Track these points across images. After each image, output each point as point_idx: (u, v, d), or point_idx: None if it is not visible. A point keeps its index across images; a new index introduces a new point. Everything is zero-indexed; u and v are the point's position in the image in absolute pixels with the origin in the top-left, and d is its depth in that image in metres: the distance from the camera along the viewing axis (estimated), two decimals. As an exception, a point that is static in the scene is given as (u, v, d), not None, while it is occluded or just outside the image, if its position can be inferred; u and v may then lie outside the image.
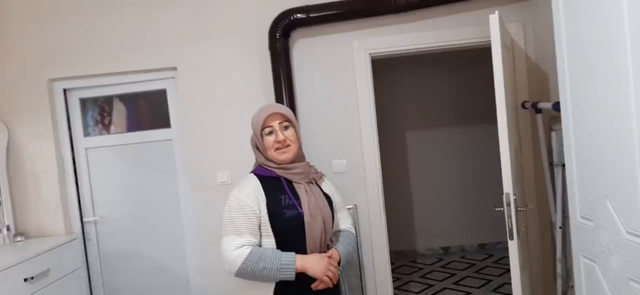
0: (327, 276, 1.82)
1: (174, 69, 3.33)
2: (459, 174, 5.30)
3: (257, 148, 1.95)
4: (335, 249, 1.93)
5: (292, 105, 3.17)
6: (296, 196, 1.87)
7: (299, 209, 1.84)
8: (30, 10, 3.31)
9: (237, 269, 1.78)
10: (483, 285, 4.32)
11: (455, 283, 4.45)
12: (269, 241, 1.84)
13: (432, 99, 5.28)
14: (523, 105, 3.15)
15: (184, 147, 3.36)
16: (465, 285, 4.36)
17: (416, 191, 5.42)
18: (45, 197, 3.35)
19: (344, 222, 2.10)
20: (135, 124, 3.51)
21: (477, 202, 5.17)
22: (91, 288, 3.48)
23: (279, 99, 3.15)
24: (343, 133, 3.31)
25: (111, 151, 3.46)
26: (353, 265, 3.27)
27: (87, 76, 3.36)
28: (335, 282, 1.87)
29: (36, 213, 3.35)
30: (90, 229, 3.48)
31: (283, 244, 1.84)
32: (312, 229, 1.83)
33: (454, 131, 5.28)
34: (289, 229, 1.84)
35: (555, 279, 3.06)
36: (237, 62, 3.30)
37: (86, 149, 3.46)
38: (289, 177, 1.91)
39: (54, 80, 3.38)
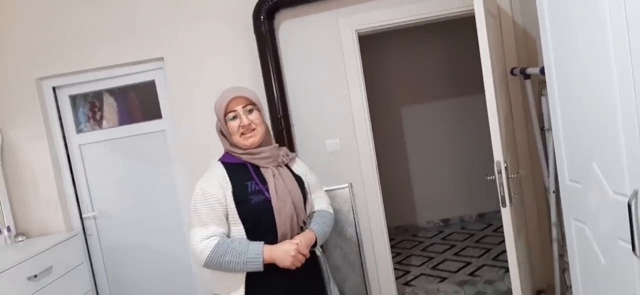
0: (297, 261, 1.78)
1: (161, 59, 3.32)
2: (456, 145, 5.30)
3: (222, 134, 1.89)
4: (310, 229, 1.89)
5: (280, 88, 3.16)
6: (264, 181, 1.82)
7: (266, 193, 1.80)
8: (14, 11, 3.29)
9: (203, 261, 1.76)
10: (483, 254, 4.36)
11: (456, 254, 4.49)
12: (238, 229, 1.80)
13: (425, 72, 5.26)
14: (512, 72, 3.14)
15: (177, 137, 3.36)
16: (465, 255, 4.40)
17: (413, 165, 5.43)
18: (43, 196, 3.37)
19: (320, 202, 2.06)
20: (126, 117, 3.51)
21: (475, 172, 5.18)
22: (96, 282, 3.53)
23: (267, 82, 3.14)
24: (334, 112, 3.31)
25: (105, 146, 3.47)
26: (352, 242, 3.30)
27: (75, 73, 3.35)
28: (298, 265, 1.80)
29: (36, 212, 3.38)
30: (90, 225, 3.51)
31: (253, 231, 1.80)
32: (282, 213, 1.79)
33: (448, 103, 5.28)
34: (257, 216, 1.79)
35: (551, 244, 3.09)
36: (223, 47, 3.28)
37: (80, 145, 3.47)
38: (256, 162, 1.85)
39: (42, 79, 3.38)
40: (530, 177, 3.29)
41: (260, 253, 1.73)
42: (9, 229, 3.25)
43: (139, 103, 3.54)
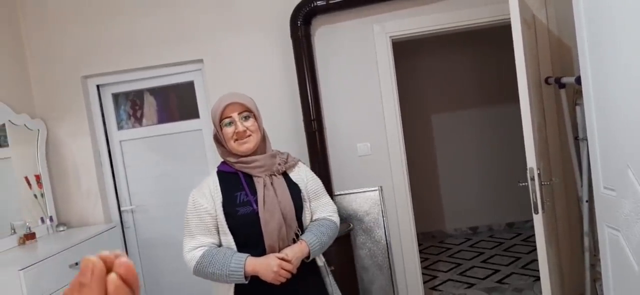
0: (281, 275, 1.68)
1: (200, 61, 3.44)
2: (485, 154, 5.29)
3: (218, 141, 1.82)
4: (302, 240, 1.76)
5: (314, 91, 3.24)
6: (254, 192, 1.75)
7: (254, 205, 1.73)
8: (65, 13, 3.46)
9: (191, 271, 1.75)
10: (511, 263, 4.33)
11: (484, 261, 4.47)
12: (227, 240, 1.76)
13: (456, 81, 5.27)
14: (546, 81, 3.14)
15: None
16: (494, 263, 4.38)
17: (443, 173, 5.43)
18: (84, 189, 3.52)
19: (323, 209, 1.90)
20: (165, 116, 3.64)
21: (504, 181, 5.15)
22: (131, 274, 3.65)
23: (301, 85, 3.23)
24: (366, 117, 3.37)
25: (144, 143, 3.61)
26: (380, 244, 3.34)
27: (118, 72, 3.50)
28: (283, 281, 1.70)
29: (77, 204, 3.53)
30: (128, 218, 3.65)
31: (242, 242, 1.75)
32: (269, 225, 1.71)
33: (478, 112, 5.27)
34: (243, 227, 1.74)
35: (583, 253, 3.07)
36: (260, 51, 3.38)
37: (120, 141, 3.61)
38: (248, 171, 1.77)
39: (87, 77, 3.54)
40: (563, 186, 3.28)
41: (241, 266, 1.66)
42: (51, 219, 3.41)
43: (178, 103, 3.67)
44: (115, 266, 0.48)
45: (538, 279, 2.86)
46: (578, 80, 2.47)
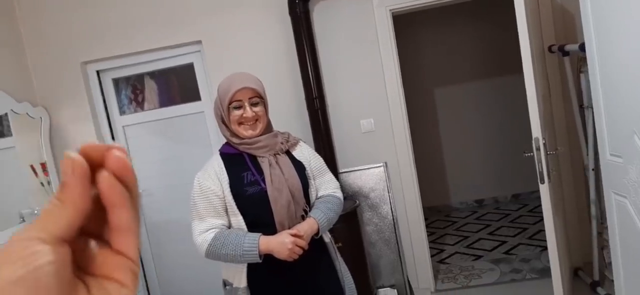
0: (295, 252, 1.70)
1: (199, 42, 3.41)
2: (490, 126, 5.26)
3: (223, 122, 1.81)
4: (311, 217, 1.79)
5: (315, 68, 3.21)
6: (260, 172, 1.77)
7: (262, 184, 1.74)
8: (60, -3, 3.43)
9: (203, 254, 1.75)
10: (518, 233, 4.34)
11: (490, 233, 4.48)
12: (237, 220, 1.76)
13: (458, 53, 5.21)
14: (550, 49, 3.10)
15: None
16: (500, 235, 4.39)
17: (447, 146, 5.41)
18: (89, 176, 3.52)
19: (327, 187, 1.93)
20: (167, 99, 3.63)
21: (509, 153, 5.13)
22: (141, 257, 3.69)
23: (302, 63, 3.20)
24: (369, 92, 3.34)
25: (147, 127, 3.61)
26: (387, 220, 3.34)
27: (117, 56, 3.48)
28: (295, 257, 1.71)
29: (83, 191, 3.54)
30: (133, 203, 3.66)
31: (252, 222, 1.76)
32: (278, 203, 1.73)
33: (482, 83, 5.22)
34: (253, 207, 1.75)
35: (589, 221, 3.07)
36: (259, 29, 3.35)
37: (123, 126, 3.61)
38: (252, 152, 1.79)
39: (86, 63, 3.52)
40: (568, 155, 3.26)
41: (255, 245, 1.68)
42: (59, 207, 3.42)
43: (179, 85, 3.65)
44: (106, 161, 0.38)
45: (545, 249, 2.86)
46: (582, 47, 2.44)
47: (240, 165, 1.79)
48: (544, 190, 2.39)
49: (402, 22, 4.80)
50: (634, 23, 1.66)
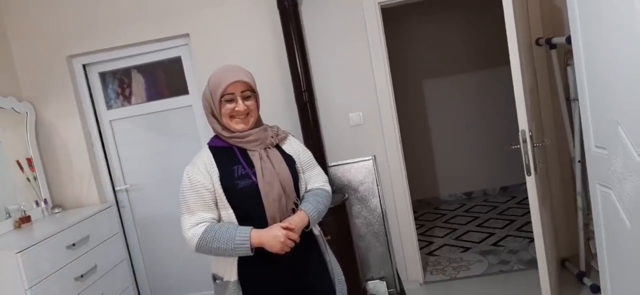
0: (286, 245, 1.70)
1: (187, 35, 3.39)
2: (478, 119, 5.29)
3: (212, 114, 1.79)
4: (301, 210, 1.79)
5: (304, 61, 3.20)
6: (251, 165, 1.76)
7: (253, 178, 1.74)
8: (45, -10, 3.39)
9: (193, 248, 1.73)
10: (506, 225, 4.38)
11: (479, 225, 4.52)
12: (227, 214, 1.75)
13: (447, 45, 5.23)
14: (537, 42, 3.12)
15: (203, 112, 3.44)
16: (489, 227, 4.43)
17: (436, 139, 5.44)
18: (77, 170, 3.50)
19: (315, 180, 1.93)
20: (154, 93, 3.60)
21: (498, 145, 5.17)
22: (130, 252, 3.67)
23: (290, 56, 3.18)
24: (358, 85, 3.34)
25: (134, 121, 3.58)
26: (376, 213, 3.36)
27: (103, 50, 3.44)
28: (287, 250, 1.72)
29: (70, 185, 3.51)
30: (123, 197, 3.64)
31: (243, 216, 1.75)
32: (269, 196, 1.73)
33: (470, 76, 5.24)
34: (244, 200, 1.74)
35: (576, 213, 3.10)
36: (247, 22, 3.33)
37: (111, 121, 3.58)
38: (243, 145, 1.78)
39: (72, 56, 3.48)
40: (555, 147, 3.29)
41: (247, 239, 1.68)
42: (46, 202, 3.40)
43: (166, 79, 3.62)
44: None
45: (532, 240, 2.89)
46: (568, 40, 2.46)
47: (230, 158, 1.78)
48: (531, 182, 2.41)
49: (391, 14, 4.81)
50: (619, 16, 1.67)
